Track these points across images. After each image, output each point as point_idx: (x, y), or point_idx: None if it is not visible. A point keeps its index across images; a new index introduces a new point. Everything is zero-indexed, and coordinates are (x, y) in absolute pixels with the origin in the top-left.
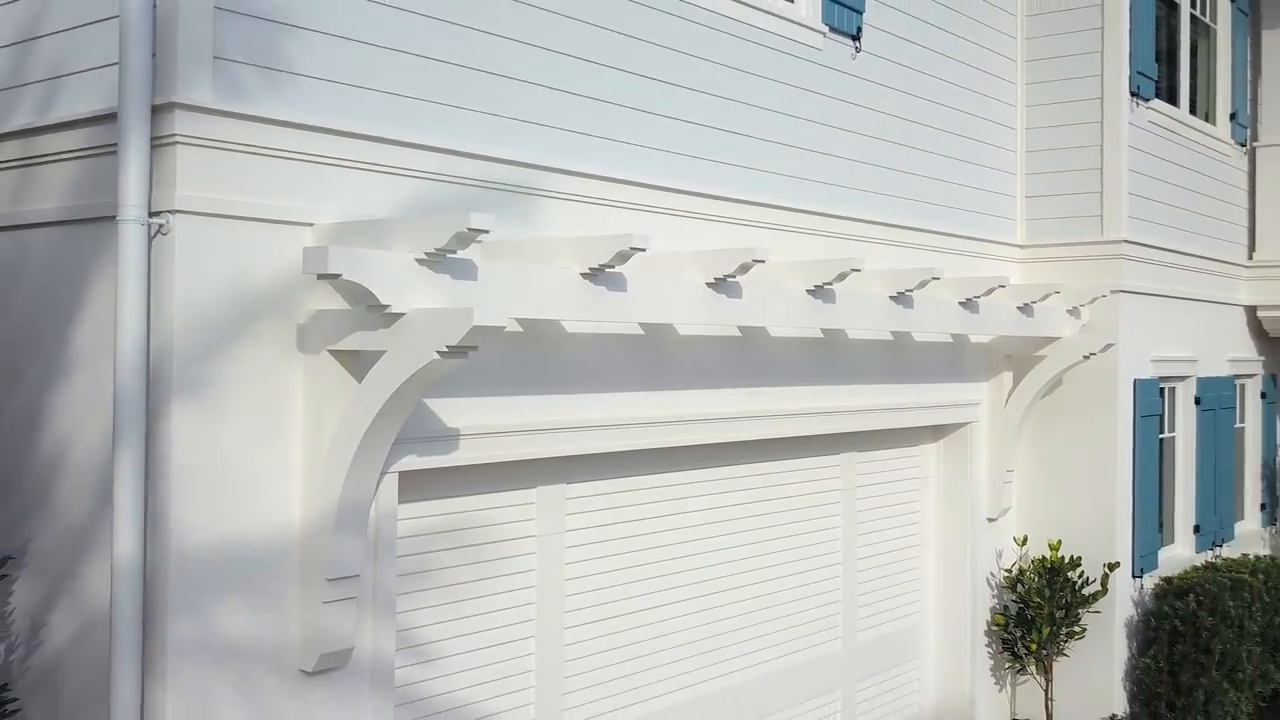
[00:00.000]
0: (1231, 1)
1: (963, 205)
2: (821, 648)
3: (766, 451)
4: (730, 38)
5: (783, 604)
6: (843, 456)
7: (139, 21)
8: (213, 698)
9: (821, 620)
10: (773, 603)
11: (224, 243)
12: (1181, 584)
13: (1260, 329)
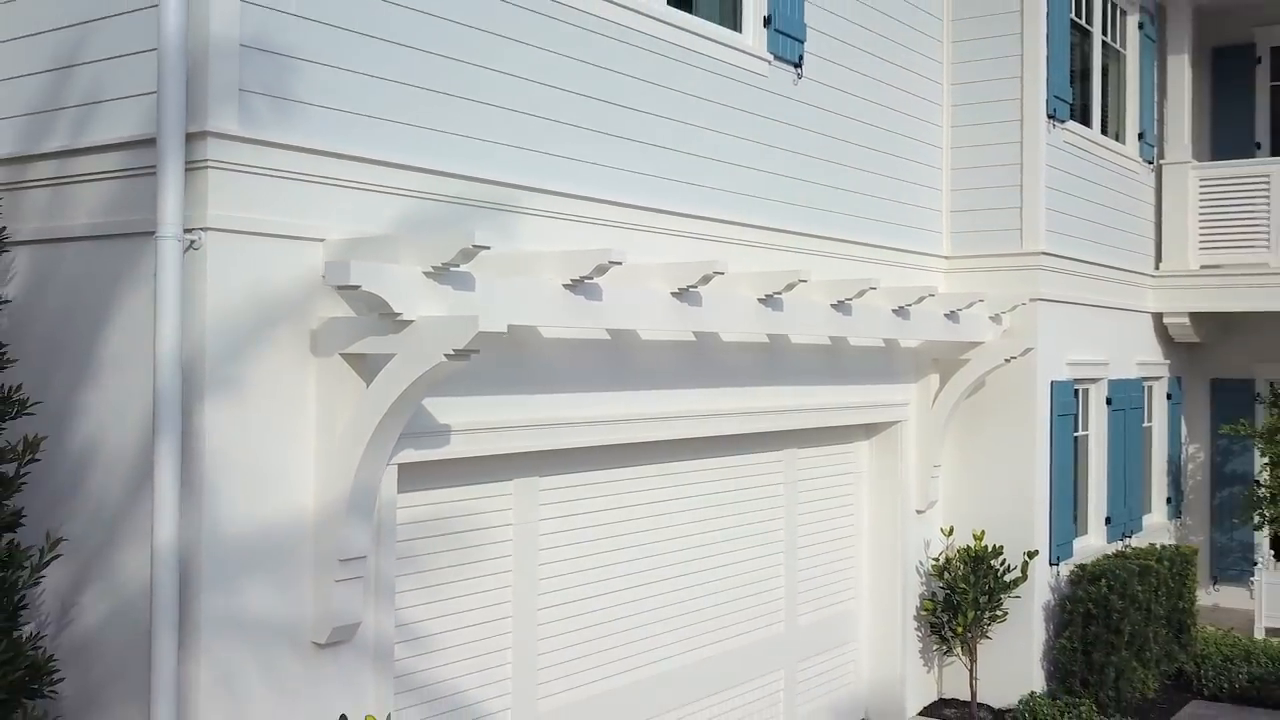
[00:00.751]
0: (1139, 28)
1: (894, 220)
2: (767, 630)
3: (719, 448)
4: (687, 66)
5: (733, 588)
6: (785, 453)
7: (175, 58)
8: (238, 668)
9: (767, 604)
10: (725, 587)
11: (246, 257)
12: (1094, 570)
13: (1166, 334)
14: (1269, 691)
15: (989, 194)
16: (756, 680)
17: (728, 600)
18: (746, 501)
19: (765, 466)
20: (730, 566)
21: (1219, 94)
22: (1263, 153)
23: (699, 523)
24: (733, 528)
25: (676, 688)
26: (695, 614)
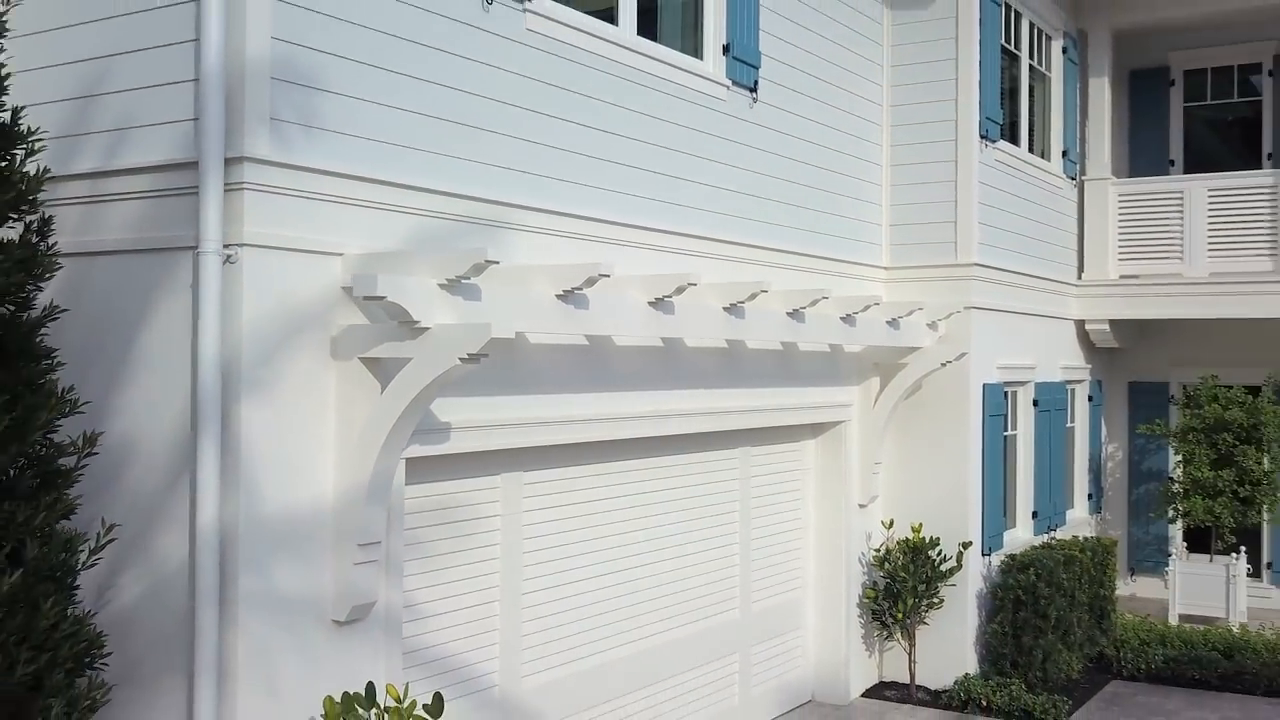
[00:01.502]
0: (1063, 52)
1: (839, 233)
2: (724, 615)
3: (683, 445)
4: (655, 91)
5: (695, 576)
6: (739, 450)
7: (215, 89)
8: (271, 641)
9: (724, 592)
10: (688, 575)
11: (276, 270)
12: (1023, 560)
13: (1088, 340)
14: (1182, 671)
15: (926, 209)
16: (715, 662)
17: (690, 587)
18: (706, 495)
19: (722, 463)
20: (692, 556)
21: (1136, 114)
22: (1176, 170)
23: (665, 515)
24: (694, 520)
25: (644, 668)
26: (662, 599)
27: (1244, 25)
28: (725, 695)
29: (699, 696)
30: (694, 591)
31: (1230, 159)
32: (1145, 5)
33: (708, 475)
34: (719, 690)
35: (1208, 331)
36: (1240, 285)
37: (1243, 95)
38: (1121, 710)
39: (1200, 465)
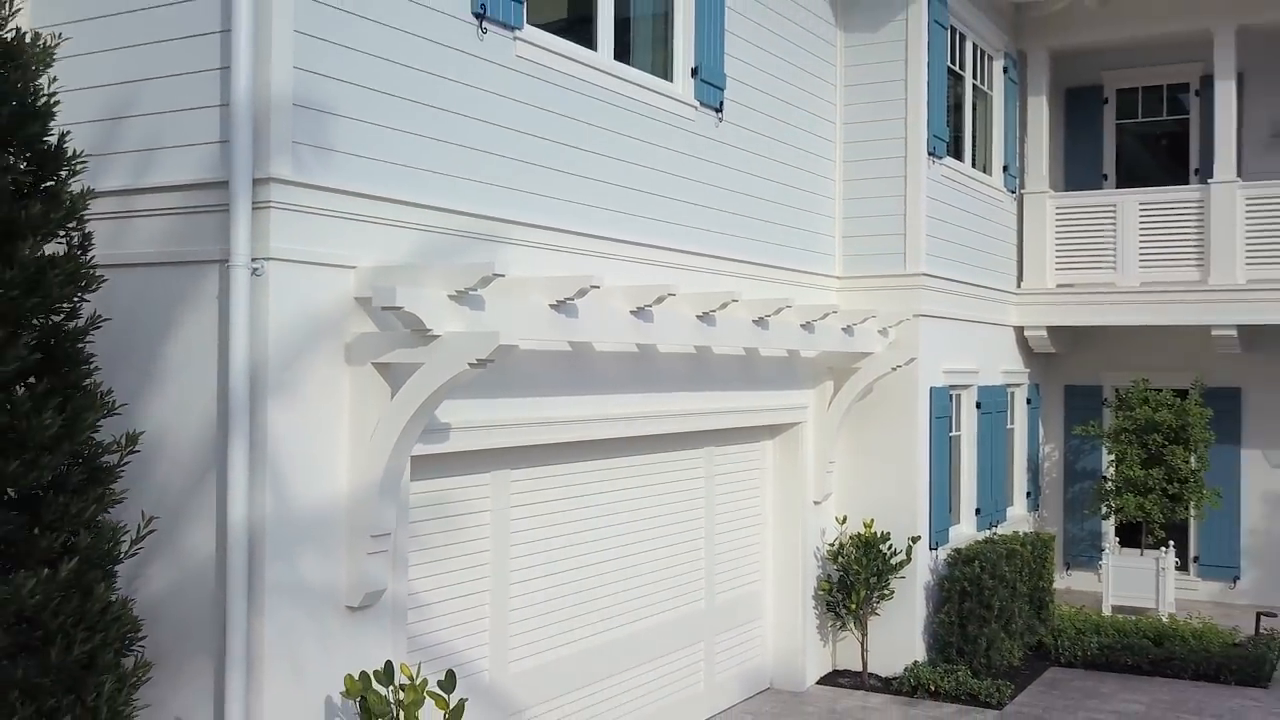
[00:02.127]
0: (1004, 72)
1: (796, 244)
2: (690, 606)
3: (655, 445)
4: (630, 113)
5: (664, 569)
6: (705, 450)
7: (244, 116)
8: (292, 626)
9: (690, 584)
10: (659, 567)
11: (297, 282)
12: (968, 554)
13: (1026, 346)
14: (1116, 658)
15: (876, 222)
16: (683, 650)
17: (660, 579)
18: (675, 493)
19: (690, 462)
20: (663, 549)
21: (1071, 130)
22: (1109, 184)
23: (638, 510)
24: (665, 515)
25: (619, 655)
26: (635, 591)
27: (1172, 48)
28: (692, 682)
29: (669, 682)
30: (664, 583)
31: (1160, 174)
32: (1080, 27)
33: (676, 474)
34: (686, 677)
35: (1139, 338)
36: (1169, 294)
37: (1171, 113)
38: (1060, 694)
39: (1132, 464)
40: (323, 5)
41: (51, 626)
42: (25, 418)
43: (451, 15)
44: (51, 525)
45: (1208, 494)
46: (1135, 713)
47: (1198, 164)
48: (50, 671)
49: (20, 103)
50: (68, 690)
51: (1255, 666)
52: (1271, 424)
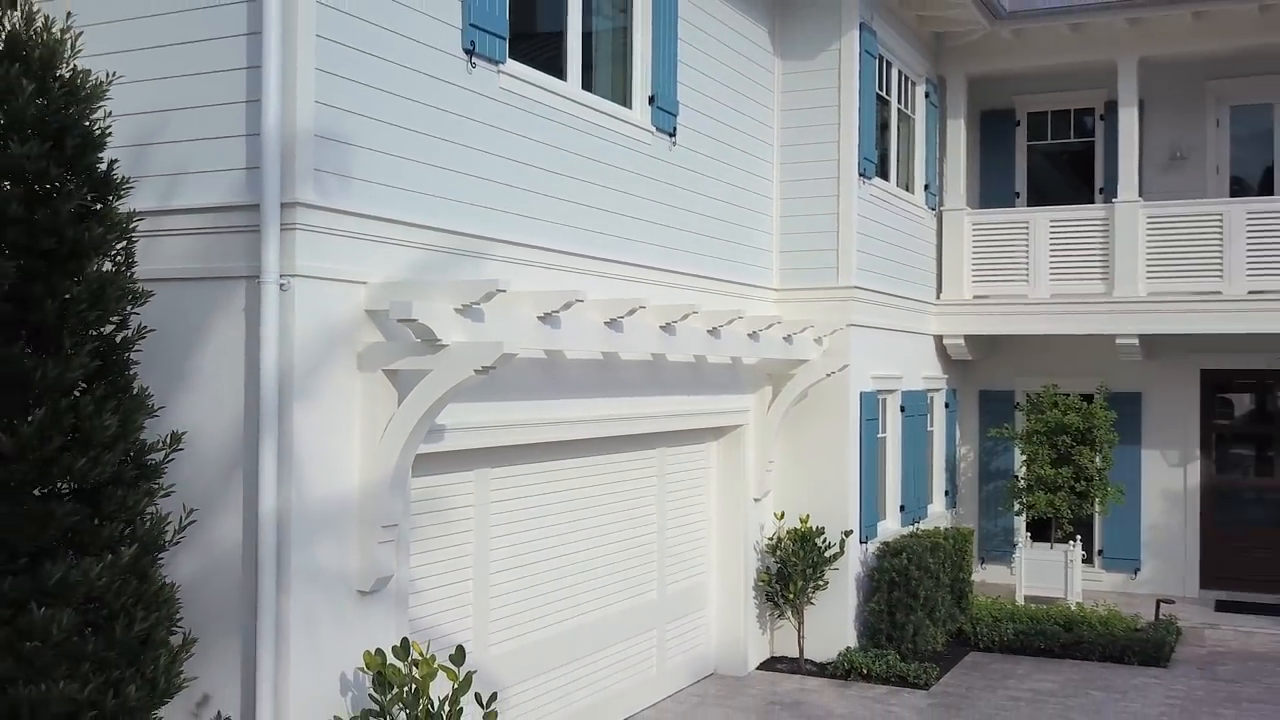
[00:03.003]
0: (925, 96)
1: (739, 259)
2: (645, 596)
3: (616, 446)
4: (595, 139)
5: (623, 561)
6: (657, 451)
7: (274, 147)
8: (313, 607)
9: (645, 575)
10: (618, 559)
11: (318, 296)
12: (896, 547)
13: (945, 353)
14: (1029, 643)
15: (811, 238)
16: (639, 637)
17: (620, 571)
18: (633, 490)
19: (645, 462)
20: (623, 542)
21: (986, 151)
22: (1021, 201)
23: (601, 506)
24: (623, 511)
25: (584, 640)
26: (598, 581)
27: (1079, 76)
28: (646, 666)
29: (627, 666)
30: (623, 574)
31: (1067, 192)
32: (995, 56)
33: (633, 473)
34: (642, 661)
35: (1048, 345)
36: (1077, 305)
37: (1078, 136)
38: (981, 675)
39: (1042, 464)
40: (338, 44)
41: (115, 606)
42: (88, 419)
43: (445, 51)
44: (111, 516)
45: (1112, 491)
46: (1049, 690)
47: (1102, 183)
48: (115, 646)
49: (82, 134)
50: (129, 663)
51: (1156, 648)
52: (1169, 426)
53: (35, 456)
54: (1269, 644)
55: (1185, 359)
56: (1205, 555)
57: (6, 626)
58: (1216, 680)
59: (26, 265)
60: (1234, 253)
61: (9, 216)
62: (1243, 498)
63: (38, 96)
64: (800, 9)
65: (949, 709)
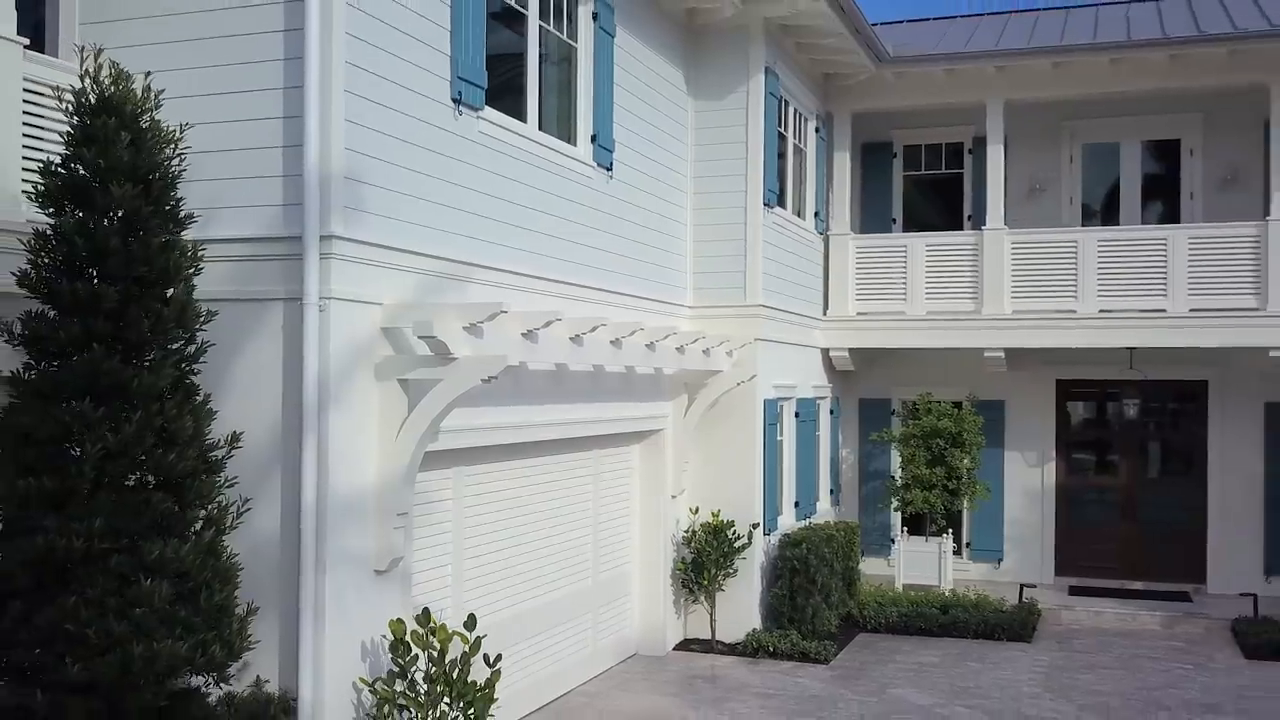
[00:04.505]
0: (816, 131)
1: (662, 279)
2: (583, 583)
3: (562, 448)
4: (548, 174)
5: (567, 551)
6: (593, 453)
7: (314, 187)
8: (343, 584)
9: (583, 564)
10: (562, 550)
11: (346, 316)
12: (796, 538)
13: (831, 364)
14: (911, 624)
15: (721, 260)
16: (578, 619)
17: (564, 560)
18: (574, 488)
19: (583, 462)
20: (567, 535)
21: (866, 180)
22: (898, 227)
23: (550, 502)
24: (567, 506)
25: (537, 621)
26: (548, 569)
27: (951, 113)
28: (583, 646)
29: (569, 646)
30: (566, 563)
31: (938, 218)
32: (878, 95)
33: (575, 472)
34: (580, 642)
35: (923, 358)
36: (949, 321)
37: (949, 167)
38: (871, 652)
39: (918, 464)
40: (360, 98)
41: (199, 580)
42: (173, 421)
43: (437, 100)
44: (191, 503)
45: (980, 489)
46: (932, 663)
47: (970, 211)
48: (200, 614)
49: (163, 176)
50: (210, 627)
51: (1021, 626)
52: (1029, 431)
53: (134, 453)
54: (1115, 622)
55: (1043, 370)
56: (1060, 546)
57: (118, 596)
58: (1073, 652)
59: (124, 290)
60: (1086, 276)
61: (110, 249)
62: (1091, 495)
63: (130, 145)
64: (712, 54)
65: (848, 680)
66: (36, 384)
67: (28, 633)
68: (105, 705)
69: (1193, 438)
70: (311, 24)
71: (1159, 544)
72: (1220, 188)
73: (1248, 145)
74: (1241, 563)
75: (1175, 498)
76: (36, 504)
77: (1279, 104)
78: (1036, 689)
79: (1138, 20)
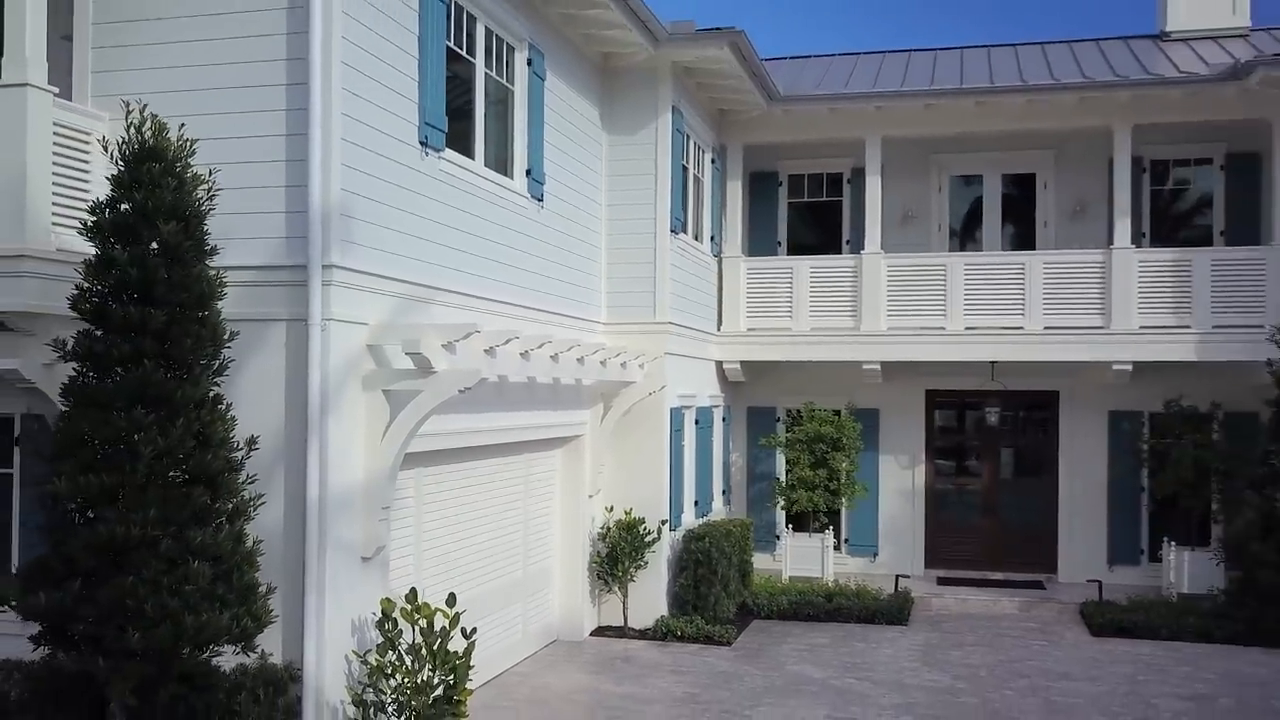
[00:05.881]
0: (712, 162)
1: (582, 299)
2: (515, 574)
3: (501, 452)
4: (495, 205)
5: (504, 545)
6: (524, 456)
7: (318, 223)
8: (338, 569)
9: (514, 557)
10: (501, 543)
11: (341, 335)
12: (699, 533)
13: (724, 375)
14: (801, 611)
15: (632, 281)
16: (511, 607)
17: (500, 553)
18: (508, 488)
19: (516, 465)
20: (503, 530)
21: (754, 207)
22: (782, 250)
23: (489, 500)
24: (503, 505)
25: (482, 607)
26: (489, 560)
27: (831, 146)
28: (515, 631)
29: (505, 631)
30: (503, 556)
31: (820, 242)
32: (767, 129)
33: (510, 474)
34: (513, 627)
35: (807, 370)
36: (831, 336)
37: (829, 195)
38: (767, 635)
39: (802, 467)
40: (352, 144)
41: (231, 563)
42: (208, 426)
43: (407, 143)
44: (222, 497)
45: (858, 489)
46: (823, 643)
47: (849, 235)
48: (234, 591)
49: (195, 213)
50: (241, 603)
51: (898, 612)
52: (901, 436)
53: (178, 453)
54: (978, 607)
55: (914, 381)
56: (929, 541)
57: (169, 575)
58: (945, 632)
59: (169, 314)
60: (954, 296)
61: (159, 278)
62: (957, 495)
63: (175, 188)
64: (625, 94)
65: (750, 658)
66: (92, 394)
67: (90, 608)
68: (155, 669)
69: (1046, 443)
70: (315, 81)
71: (1016, 538)
72: (1071, 217)
73: (1094, 180)
74: (1088, 554)
75: (1030, 497)
76: (97, 498)
77: (1120, 144)
78: (915, 663)
79: (998, 64)
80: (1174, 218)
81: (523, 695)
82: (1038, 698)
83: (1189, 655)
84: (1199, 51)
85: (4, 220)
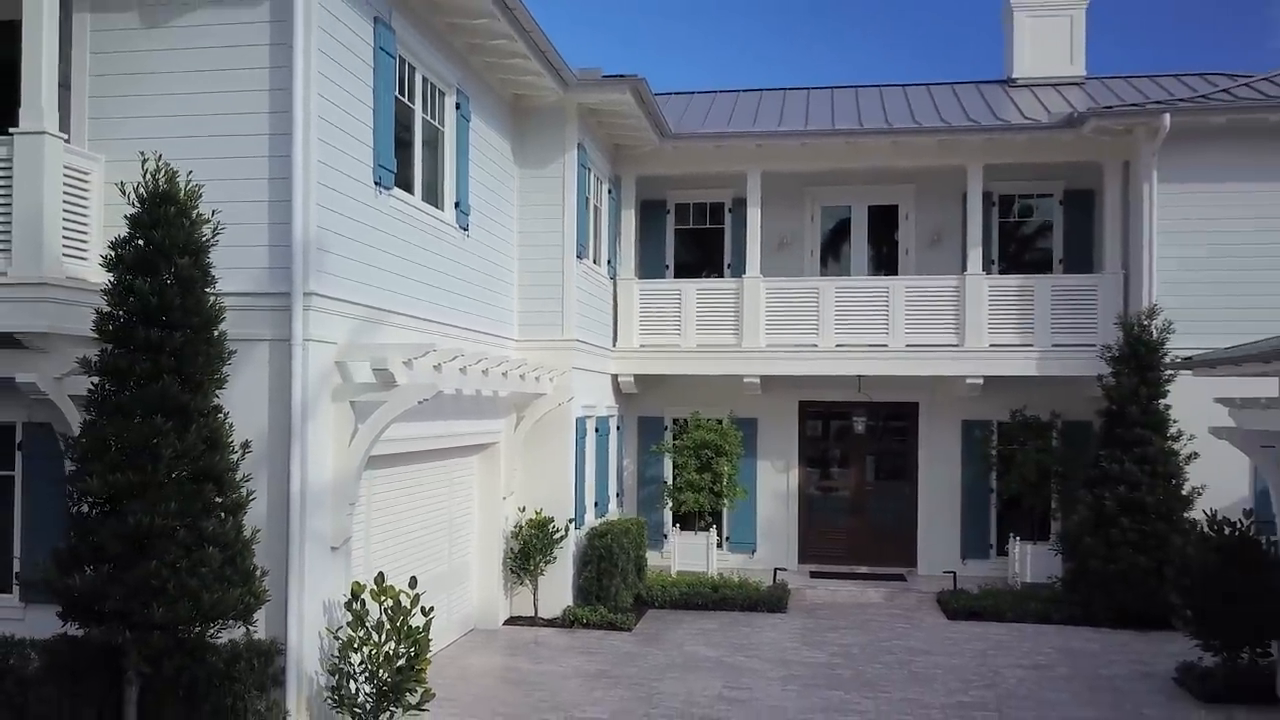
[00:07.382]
0: (609, 193)
1: (499, 317)
2: (443, 567)
3: (433, 457)
4: (429, 234)
5: (434, 540)
6: (449, 461)
7: (300, 255)
8: (313, 557)
9: (442, 552)
10: (432, 539)
11: (316, 353)
12: (600, 530)
13: (619, 388)
14: (690, 601)
15: (542, 301)
16: (438, 597)
17: (432, 547)
18: (438, 489)
19: (443, 469)
20: (434, 528)
21: (644, 233)
22: (670, 273)
23: (424, 501)
24: (434, 505)
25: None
26: (422, 554)
27: (714, 178)
28: (444, 620)
29: (440, 618)
30: (433, 551)
31: (703, 266)
32: (658, 162)
33: (437, 477)
34: (443, 616)
35: (693, 382)
36: (715, 352)
37: (712, 223)
38: (662, 622)
39: (689, 471)
40: (325, 187)
41: (234, 550)
42: (215, 432)
43: (364, 183)
44: (225, 493)
45: (739, 491)
46: (712, 628)
47: (730, 260)
48: (238, 573)
49: (201, 248)
50: (243, 583)
51: (777, 601)
52: (777, 443)
53: (191, 455)
54: (847, 598)
55: (789, 393)
56: (802, 538)
57: (186, 559)
58: (819, 619)
59: (183, 336)
60: (826, 316)
61: (174, 304)
62: (826, 497)
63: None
64: (535, 132)
65: (650, 641)
66: (115, 404)
67: (118, 588)
68: (172, 641)
69: (906, 449)
70: (297, 132)
71: (880, 535)
72: (929, 245)
73: (950, 212)
74: (944, 549)
75: (893, 498)
76: (124, 493)
77: (973, 181)
78: (796, 644)
79: (865, 104)
80: (1019, 247)
81: (453, 674)
82: (904, 670)
83: (1031, 634)
84: (1041, 98)
85: (26, 252)
